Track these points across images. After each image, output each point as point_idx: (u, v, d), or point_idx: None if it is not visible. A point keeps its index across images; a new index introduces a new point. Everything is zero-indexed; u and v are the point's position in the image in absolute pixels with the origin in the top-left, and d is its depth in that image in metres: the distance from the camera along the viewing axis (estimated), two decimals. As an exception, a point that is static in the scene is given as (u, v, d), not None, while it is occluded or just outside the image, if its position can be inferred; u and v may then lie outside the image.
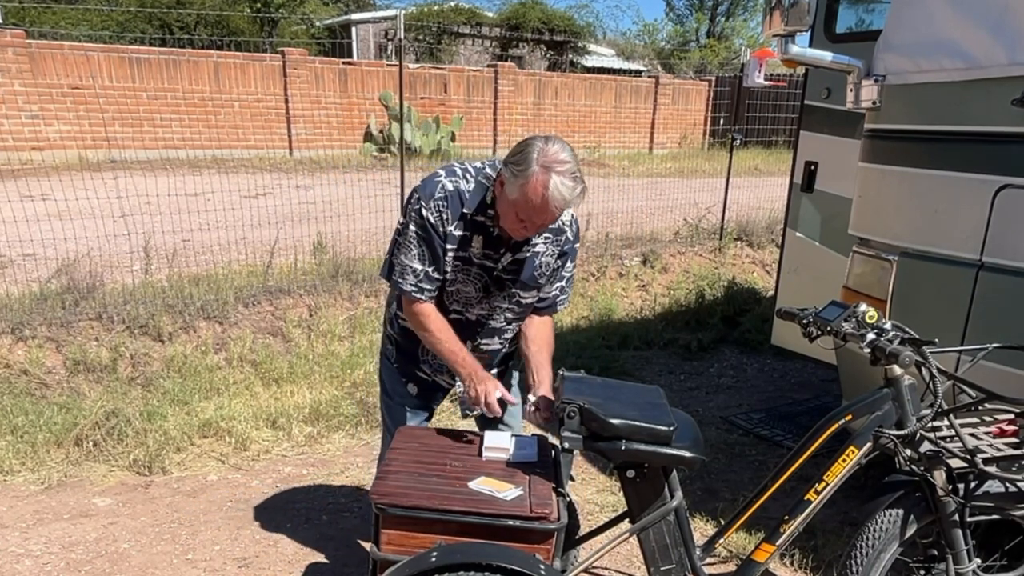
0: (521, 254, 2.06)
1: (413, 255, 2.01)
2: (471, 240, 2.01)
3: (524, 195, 1.84)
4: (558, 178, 1.81)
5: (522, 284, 2.09)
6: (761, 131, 11.55)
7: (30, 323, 4.08)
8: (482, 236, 2.01)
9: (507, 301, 2.12)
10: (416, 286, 2.02)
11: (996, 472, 1.77)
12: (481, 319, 2.13)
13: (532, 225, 1.91)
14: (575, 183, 1.84)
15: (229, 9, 21.10)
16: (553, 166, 1.81)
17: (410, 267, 2.02)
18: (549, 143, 1.85)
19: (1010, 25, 2.20)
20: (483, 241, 2.01)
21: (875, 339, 1.82)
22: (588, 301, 5.81)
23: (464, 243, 2.01)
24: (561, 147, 1.85)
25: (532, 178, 1.81)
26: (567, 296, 2.25)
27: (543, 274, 2.12)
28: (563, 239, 2.11)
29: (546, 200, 1.82)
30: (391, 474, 1.80)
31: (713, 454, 3.64)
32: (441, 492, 1.73)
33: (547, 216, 1.88)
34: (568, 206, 1.87)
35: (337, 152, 12.69)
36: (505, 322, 2.17)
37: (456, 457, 1.91)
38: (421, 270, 2.01)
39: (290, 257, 5.33)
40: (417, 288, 2.03)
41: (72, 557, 2.73)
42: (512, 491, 1.74)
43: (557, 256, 2.12)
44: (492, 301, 2.11)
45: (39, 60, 10.60)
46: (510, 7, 20.96)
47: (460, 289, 2.07)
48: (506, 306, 2.13)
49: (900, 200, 2.63)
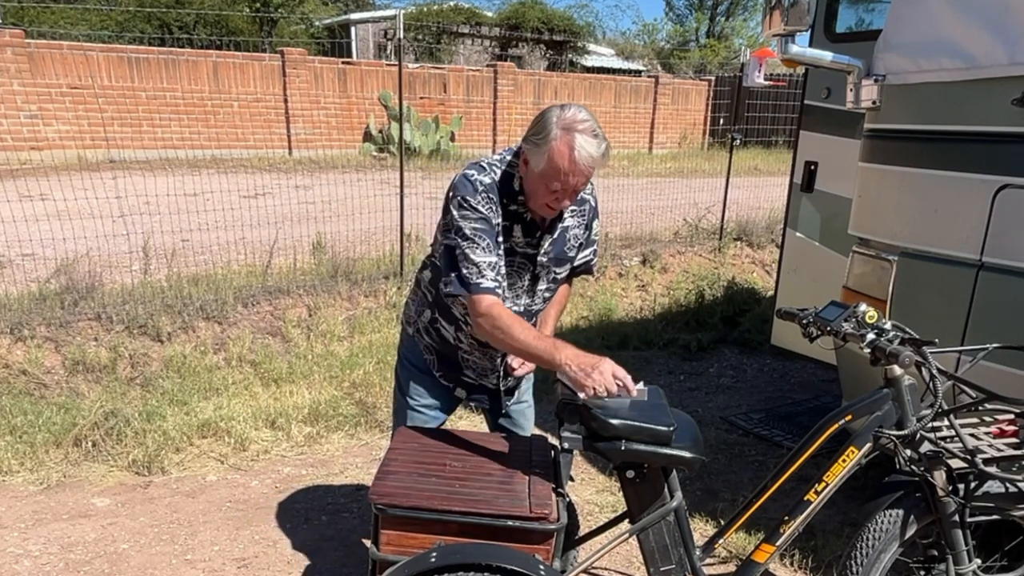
0: (555, 233, 2.06)
1: (482, 249, 1.88)
2: (512, 230, 1.99)
3: (551, 162, 1.83)
4: (581, 137, 1.80)
5: (557, 260, 2.10)
6: (761, 131, 11.55)
7: (29, 323, 4.07)
8: (519, 224, 1.99)
9: (547, 282, 2.13)
10: (495, 280, 1.91)
11: (996, 472, 1.77)
12: (527, 308, 2.11)
13: (565, 192, 1.88)
14: (599, 140, 1.84)
15: (228, 9, 21.09)
16: (574, 126, 1.81)
17: (486, 262, 1.88)
18: (565, 108, 1.85)
19: (1010, 25, 2.20)
20: (522, 229, 2.00)
21: (875, 339, 1.81)
22: (588, 301, 5.81)
23: (507, 234, 1.99)
24: (578, 109, 1.85)
25: (556, 142, 1.81)
26: (598, 256, 2.30)
27: (573, 247, 2.13)
28: (586, 208, 2.12)
29: (574, 160, 1.81)
30: (390, 474, 1.79)
31: (713, 454, 3.63)
32: (440, 492, 1.72)
33: (579, 177, 1.86)
34: (597, 164, 1.85)
35: (336, 152, 12.69)
36: (544, 302, 2.17)
37: (456, 457, 1.91)
38: (495, 262, 1.92)
39: (289, 257, 5.32)
40: (497, 283, 1.92)
41: (71, 557, 2.73)
42: None
43: (584, 227, 2.14)
44: (539, 287, 2.11)
45: (38, 60, 10.59)
46: (509, 7, 20.97)
47: (509, 283, 2.05)
48: (545, 286, 2.13)
49: (900, 200, 2.62)
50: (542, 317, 2.20)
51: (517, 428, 2.33)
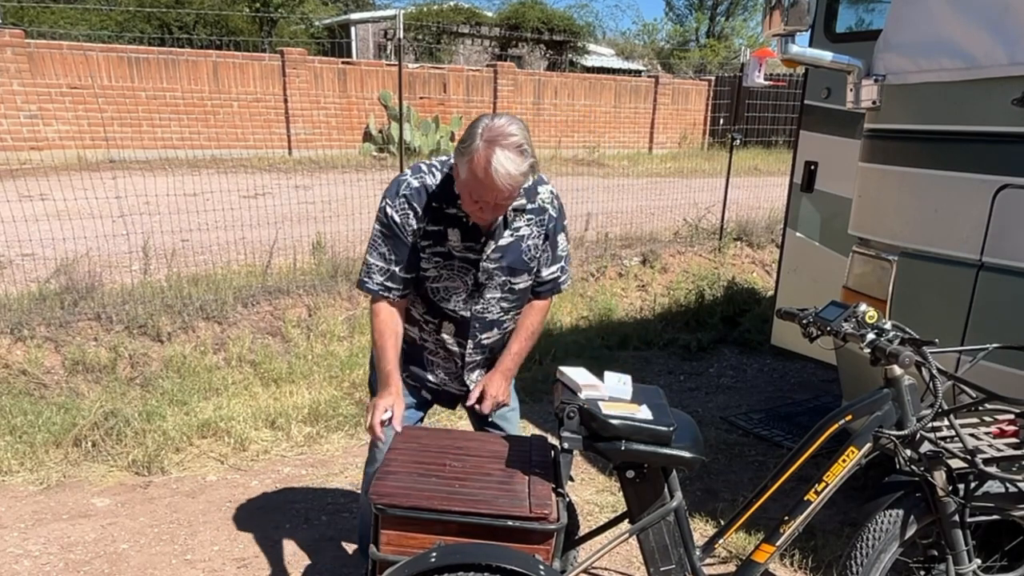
0: (504, 240, 2.02)
1: (379, 254, 2.01)
2: (447, 234, 1.98)
3: (471, 172, 1.80)
4: (502, 152, 1.75)
5: (510, 270, 2.05)
6: (761, 131, 11.56)
7: (29, 323, 4.07)
8: (458, 228, 1.97)
9: (499, 291, 2.08)
10: (382, 284, 2.02)
11: (996, 472, 1.77)
12: (477, 314, 2.10)
13: (486, 205, 1.85)
14: (521, 157, 1.78)
15: (228, 9, 21.08)
16: (497, 140, 1.76)
17: (376, 265, 2.02)
18: (495, 118, 1.80)
19: (1010, 25, 2.20)
20: (460, 233, 1.98)
21: (875, 339, 1.81)
22: (587, 301, 5.81)
23: (440, 238, 1.98)
24: (508, 121, 1.80)
25: (476, 154, 1.77)
26: (568, 275, 2.22)
27: (533, 257, 2.07)
28: (545, 218, 2.06)
29: (490, 175, 1.76)
30: (390, 474, 1.79)
31: (713, 454, 3.63)
32: (440, 492, 1.72)
33: (495, 193, 1.80)
34: (516, 181, 1.79)
35: (336, 152, 12.68)
36: (502, 312, 2.13)
37: (456, 457, 1.91)
38: (388, 269, 2.01)
39: (289, 257, 5.32)
40: (383, 287, 2.02)
41: (71, 557, 2.73)
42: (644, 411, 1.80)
43: (543, 236, 2.07)
44: (485, 293, 2.07)
45: (38, 60, 10.59)
46: (509, 7, 20.96)
47: (448, 286, 2.05)
48: (499, 296, 2.09)
49: (900, 200, 2.62)
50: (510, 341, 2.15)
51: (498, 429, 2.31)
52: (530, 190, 2.03)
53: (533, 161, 1.81)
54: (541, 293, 2.18)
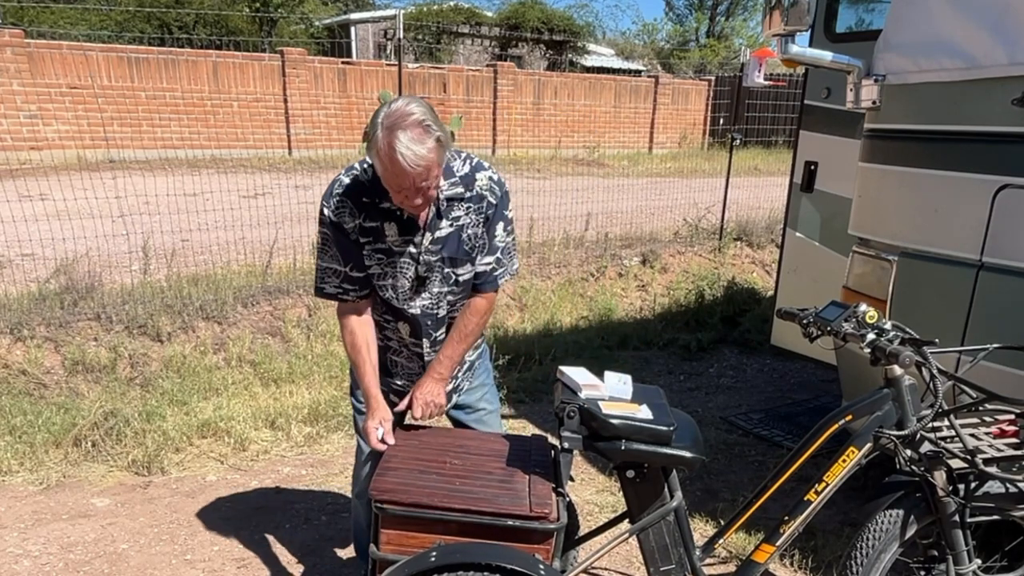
0: (443, 230, 1.94)
1: (329, 256, 1.97)
2: (384, 229, 1.93)
3: (380, 163, 1.73)
4: (403, 134, 1.67)
5: (451, 260, 1.97)
6: (761, 131, 11.56)
7: (28, 323, 4.07)
8: (394, 223, 1.92)
9: (445, 284, 2.01)
10: (339, 287, 1.99)
11: (996, 473, 1.77)
12: (426, 310, 2.03)
13: (410, 192, 1.76)
14: (426, 134, 1.69)
15: (228, 9, 21.08)
16: (397, 124, 1.68)
17: (329, 269, 1.99)
18: (395, 102, 1.72)
19: (1010, 25, 2.20)
20: (397, 227, 1.93)
21: (875, 339, 1.81)
22: (587, 301, 5.81)
23: (378, 234, 1.93)
24: (406, 102, 1.71)
25: (380, 144, 1.70)
26: (506, 269, 2.08)
27: (473, 246, 1.99)
28: (484, 204, 1.96)
29: (396, 160, 1.68)
30: (390, 471, 1.79)
31: (713, 454, 3.63)
32: (441, 490, 1.72)
33: (407, 178, 1.71)
34: (425, 159, 1.69)
35: (336, 152, 12.67)
36: (449, 306, 2.07)
37: (456, 455, 1.91)
38: (341, 271, 1.97)
39: (289, 257, 5.32)
40: (341, 290, 1.99)
41: (71, 558, 2.73)
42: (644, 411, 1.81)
43: (483, 224, 1.98)
44: (430, 288, 2.00)
45: (37, 60, 10.59)
46: (509, 7, 20.96)
47: (394, 284, 1.98)
48: (446, 290, 2.02)
49: (900, 200, 2.62)
50: (443, 344, 2.06)
51: None
52: (467, 178, 1.94)
53: (440, 135, 1.72)
54: (479, 287, 2.06)
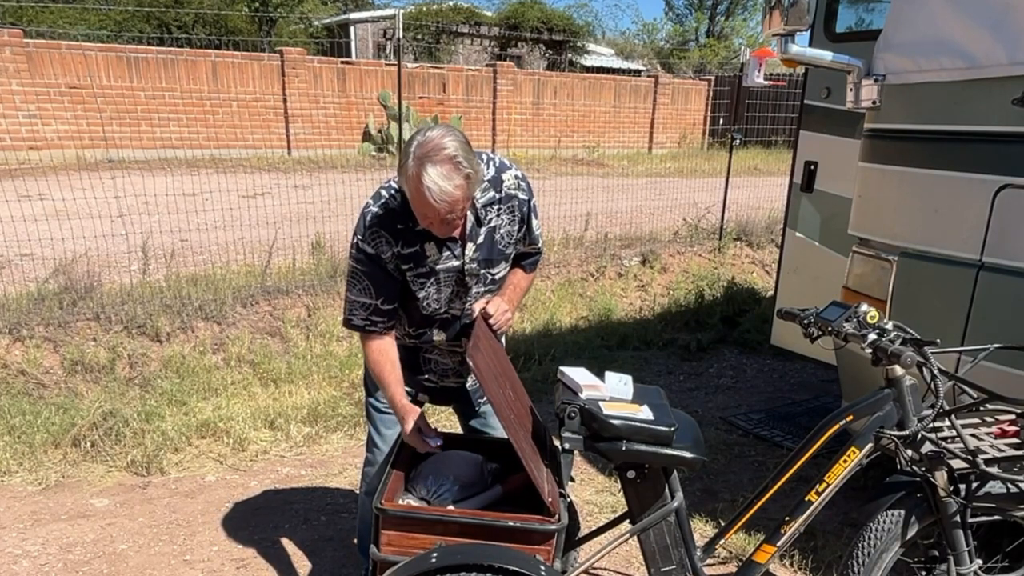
0: (481, 237, 1.97)
1: (359, 290, 1.96)
2: (424, 251, 1.92)
3: (409, 192, 1.74)
4: (433, 169, 1.66)
5: (487, 262, 2.01)
6: (761, 131, 11.56)
7: (27, 323, 4.06)
8: (432, 241, 1.91)
9: (482, 285, 2.04)
10: (367, 319, 1.98)
11: (997, 473, 1.77)
12: (465, 311, 2.07)
13: (435, 221, 1.77)
14: (456, 171, 1.68)
15: (227, 8, 21.06)
16: (428, 156, 1.67)
17: (358, 302, 1.97)
18: (430, 131, 1.71)
19: (1010, 25, 2.20)
20: (436, 245, 1.92)
21: (876, 339, 1.81)
22: (587, 301, 5.81)
23: (418, 258, 1.93)
24: (443, 133, 1.71)
25: (410, 174, 1.70)
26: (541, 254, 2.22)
27: (508, 244, 2.03)
28: (515, 203, 2.00)
29: (422, 194, 1.68)
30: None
31: (713, 455, 3.63)
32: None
33: (434, 210, 1.71)
34: (451, 196, 1.69)
35: (335, 152, 12.67)
36: None
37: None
38: (371, 304, 1.96)
39: (288, 257, 5.31)
40: (369, 322, 1.98)
41: (70, 558, 2.72)
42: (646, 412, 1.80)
43: (519, 222, 2.02)
44: (471, 292, 2.04)
45: (36, 59, 10.58)
46: (509, 6, 20.96)
47: (438, 298, 2.00)
48: (483, 290, 2.05)
49: (900, 200, 2.62)
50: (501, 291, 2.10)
51: (488, 429, 2.31)
52: (495, 180, 1.96)
53: (470, 171, 1.72)
54: (522, 266, 2.16)
